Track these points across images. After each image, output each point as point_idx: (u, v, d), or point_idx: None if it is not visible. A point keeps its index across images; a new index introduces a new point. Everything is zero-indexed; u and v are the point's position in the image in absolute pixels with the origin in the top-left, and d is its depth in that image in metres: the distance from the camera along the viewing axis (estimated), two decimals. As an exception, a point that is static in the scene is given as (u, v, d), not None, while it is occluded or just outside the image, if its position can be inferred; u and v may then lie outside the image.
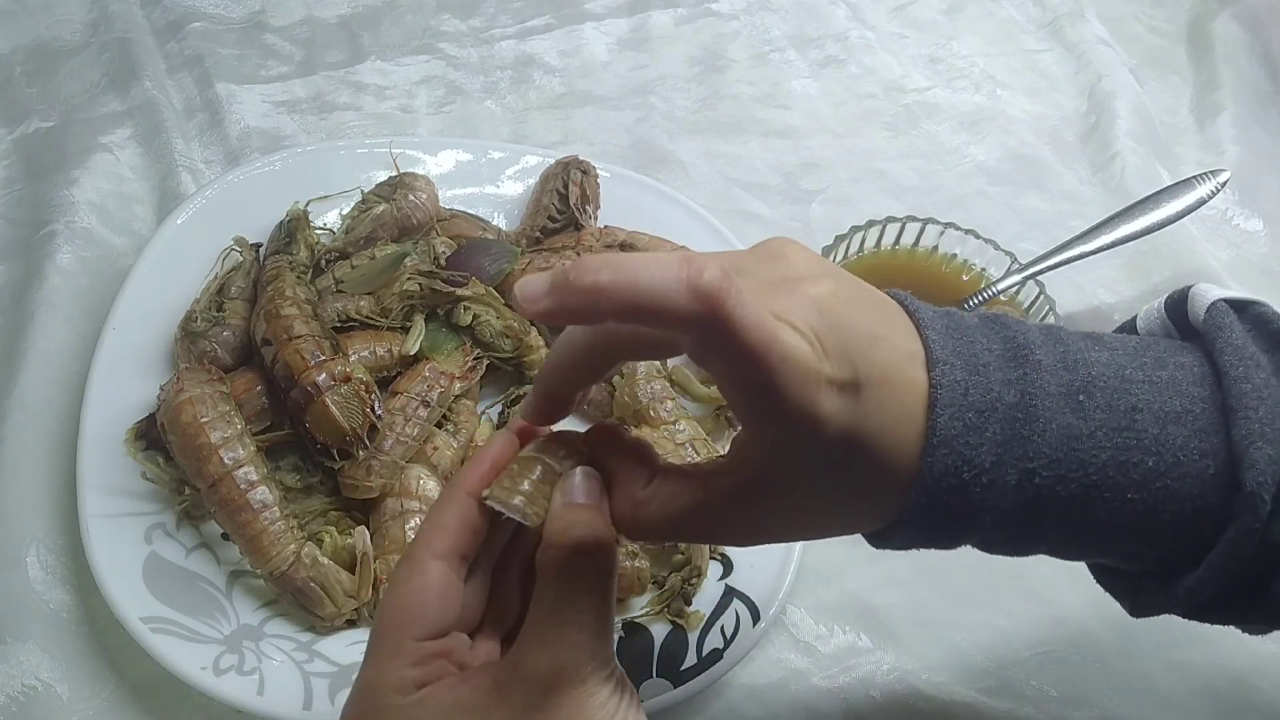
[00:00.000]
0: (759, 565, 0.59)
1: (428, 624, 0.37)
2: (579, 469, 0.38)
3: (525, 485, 0.37)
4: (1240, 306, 0.37)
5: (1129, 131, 0.85)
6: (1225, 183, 0.73)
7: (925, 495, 0.34)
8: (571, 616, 0.35)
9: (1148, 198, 0.73)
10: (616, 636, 0.57)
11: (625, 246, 0.70)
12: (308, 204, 0.70)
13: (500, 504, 0.37)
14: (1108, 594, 0.41)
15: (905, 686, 0.59)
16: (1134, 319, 0.42)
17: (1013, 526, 0.35)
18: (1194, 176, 0.73)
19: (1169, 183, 0.75)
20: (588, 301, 0.31)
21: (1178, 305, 0.39)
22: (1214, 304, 0.37)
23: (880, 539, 0.37)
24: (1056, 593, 0.64)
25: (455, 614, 0.38)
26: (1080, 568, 0.64)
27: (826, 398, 0.33)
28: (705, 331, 0.31)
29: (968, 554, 0.64)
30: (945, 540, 0.37)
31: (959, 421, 0.34)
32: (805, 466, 0.34)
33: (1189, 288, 0.39)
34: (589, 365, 0.38)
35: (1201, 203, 0.72)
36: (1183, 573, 0.36)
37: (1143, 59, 0.93)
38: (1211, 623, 0.38)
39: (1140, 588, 0.38)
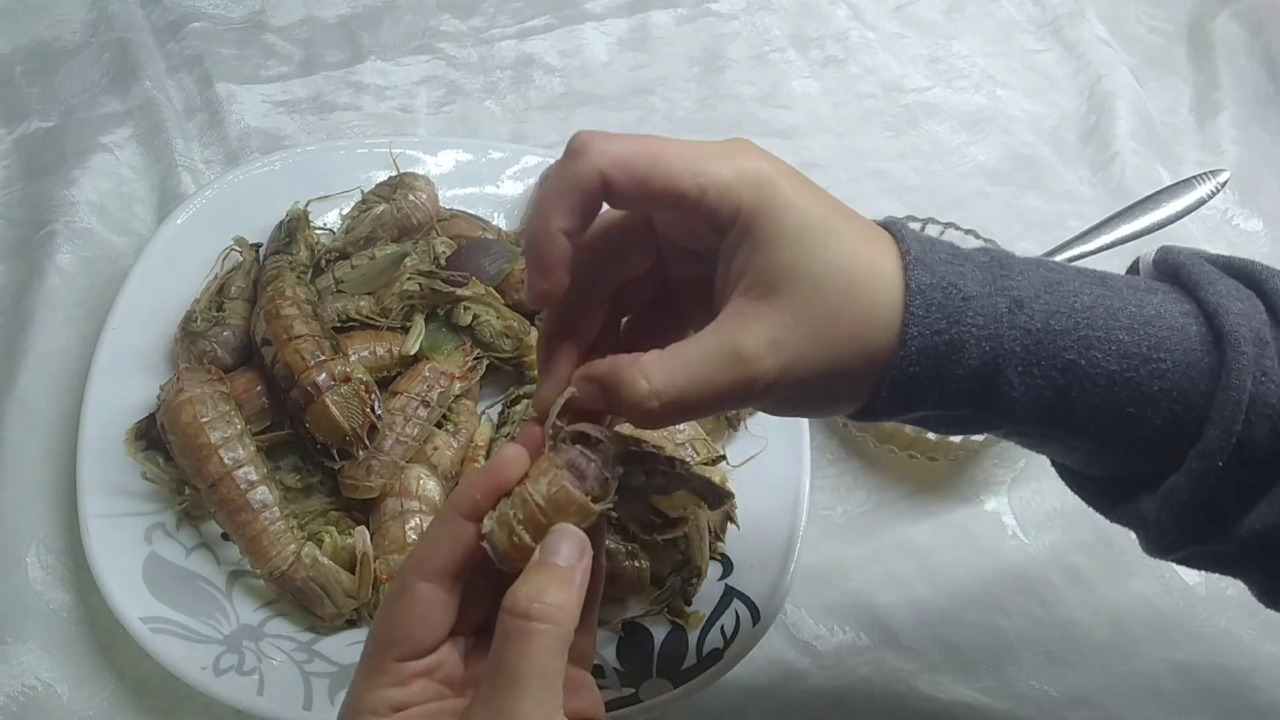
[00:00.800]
0: (759, 565, 0.59)
1: (410, 645, 0.37)
2: (566, 528, 0.37)
3: (515, 533, 0.37)
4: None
5: (1129, 131, 0.85)
6: (1225, 183, 0.73)
7: (920, 308, 0.35)
8: (506, 681, 0.34)
9: (1148, 198, 0.73)
10: (616, 637, 0.57)
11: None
12: (308, 204, 0.70)
13: (489, 544, 0.37)
14: (1122, 526, 0.40)
15: (905, 686, 0.59)
16: None
17: (1013, 362, 0.35)
18: (1194, 176, 0.73)
19: (1169, 183, 0.76)
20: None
21: (1131, 274, 0.41)
22: (1163, 246, 0.40)
23: (882, 390, 0.36)
24: (1056, 593, 0.64)
25: (441, 634, 0.38)
26: (1079, 568, 0.64)
27: (770, 161, 0.36)
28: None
29: (967, 554, 0.65)
30: (950, 383, 0.36)
31: (932, 254, 0.36)
32: (787, 240, 0.35)
33: (1137, 259, 0.41)
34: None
35: (1201, 203, 0.73)
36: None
37: (1143, 59, 0.93)
38: (1212, 543, 0.38)
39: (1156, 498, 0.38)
